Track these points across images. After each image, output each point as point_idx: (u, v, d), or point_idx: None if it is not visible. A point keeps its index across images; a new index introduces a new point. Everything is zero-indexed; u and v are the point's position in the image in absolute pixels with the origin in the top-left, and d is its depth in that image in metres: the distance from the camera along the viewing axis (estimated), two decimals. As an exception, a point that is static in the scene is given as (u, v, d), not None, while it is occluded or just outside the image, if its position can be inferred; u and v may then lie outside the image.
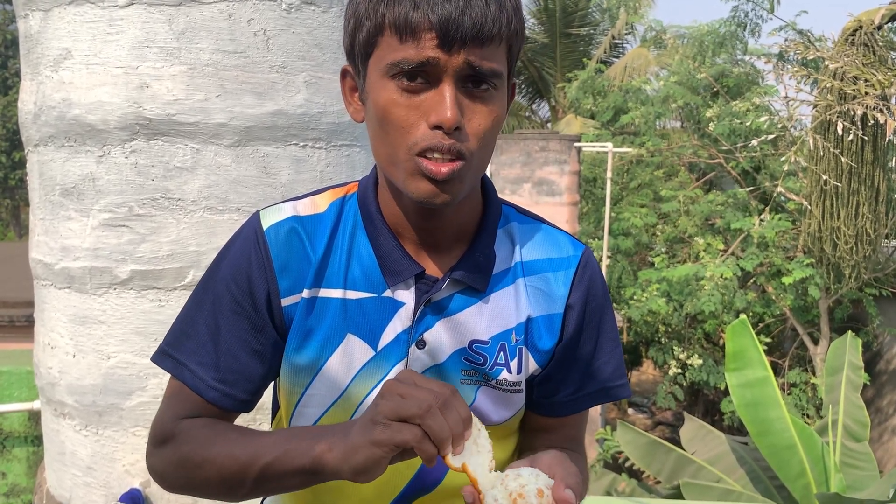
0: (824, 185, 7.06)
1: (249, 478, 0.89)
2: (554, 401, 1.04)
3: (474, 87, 0.87)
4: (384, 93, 0.87)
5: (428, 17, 0.83)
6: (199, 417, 0.99)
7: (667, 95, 11.28)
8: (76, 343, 1.97)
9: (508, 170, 9.67)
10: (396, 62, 0.85)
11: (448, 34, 0.83)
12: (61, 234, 1.96)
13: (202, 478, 0.94)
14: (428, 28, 0.83)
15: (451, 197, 0.89)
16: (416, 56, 0.84)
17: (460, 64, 0.85)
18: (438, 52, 0.84)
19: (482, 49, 0.85)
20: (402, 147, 0.88)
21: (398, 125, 0.87)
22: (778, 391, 5.57)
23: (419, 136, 0.86)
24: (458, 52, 0.84)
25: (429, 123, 0.86)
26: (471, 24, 0.83)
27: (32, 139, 2.03)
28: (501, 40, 0.87)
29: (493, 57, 0.86)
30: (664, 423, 12.93)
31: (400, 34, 0.85)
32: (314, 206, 1.01)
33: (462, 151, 0.87)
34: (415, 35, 0.84)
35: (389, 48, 0.86)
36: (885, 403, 10.03)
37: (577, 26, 17.66)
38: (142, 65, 1.83)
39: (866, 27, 6.74)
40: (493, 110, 0.89)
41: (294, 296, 0.98)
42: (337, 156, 2.01)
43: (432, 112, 0.86)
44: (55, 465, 2.11)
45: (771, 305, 10.30)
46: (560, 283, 1.01)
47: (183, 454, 0.95)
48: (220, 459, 0.91)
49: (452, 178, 0.87)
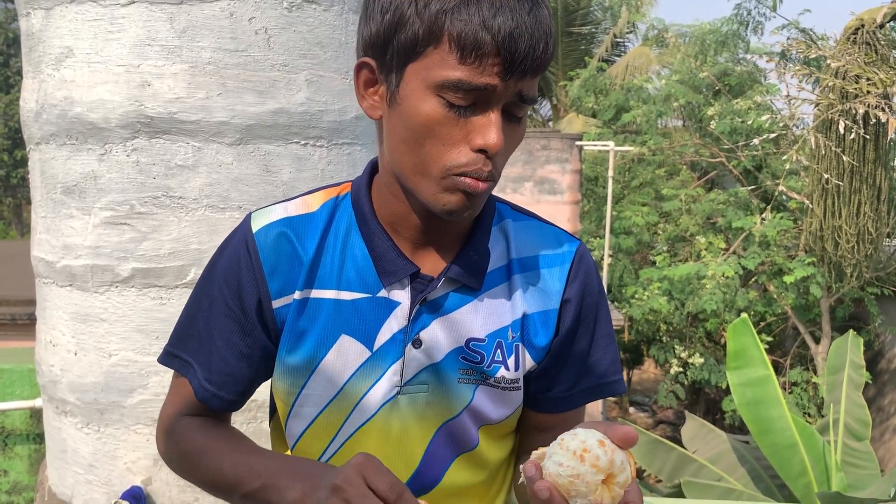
0: (826, 184, 7.05)
1: (236, 495, 0.94)
2: (550, 396, 1.04)
3: (514, 113, 0.88)
4: (426, 106, 0.85)
5: (496, 42, 0.81)
6: (197, 417, 1.03)
7: (668, 94, 11.27)
8: (78, 341, 1.97)
9: (510, 168, 9.66)
10: (453, 82, 0.83)
11: (513, 65, 0.83)
12: (63, 232, 1.96)
13: (197, 479, 1.00)
14: (494, 53, 0.82)
15: (475, 211, 0.92)
16: (475, 80, 0.83)
17: (512, 94, 0.85)
18: (498, 81, 0.83)
19: (532, 80, 0.86)
20: (439, 164, 0.87)
21: (439, 142, 0.86)
22: (779, 390, 5.57)
23: (461, 159, 0.86)
24: (516, 83, 0.85)
25: (472, 146, 0.86)
26: (535, 57, 0.84)
27: (34, 137, 2.03)
28: (544, 70, 0.88)
29: (534, 86, 0.88)
30: (665, 422, 12.93)
31: (462, 52, 0.82)
32: (305, 205, 1.01)
33: (494, 175, 0.89)
34: (480, 59, 0.82)
35: (444, 63, 0.83)
36: (887, 402, 10.03)
37: (579, 25, 17.64)
38: (143, 63, 1.83)
39: (868, 26, 6.73)
40: (522, 133, 0.92)
41: (285, 297, 0.98)
42: (338, 154, 2.01)
43: (478, 136, 0.85)
44: (57, 463, 2.11)
45: (772, 304, 10.30)
46: (555, 279, 1.01)
47: (181, 452, 1.00)
48: (211, 472, 0.96)
49: (485, 194, 0.90)
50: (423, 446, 1.00)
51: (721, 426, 9.97)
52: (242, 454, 0.95)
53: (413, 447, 0.99)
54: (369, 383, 0.97)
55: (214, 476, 0.95)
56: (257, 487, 0.89)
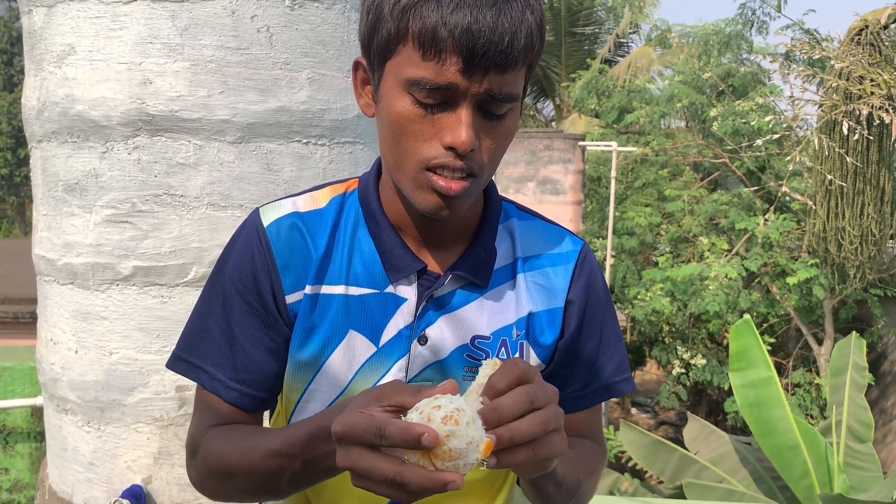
0: (829, 185, 7.04)
1: (283, 487, 0.89)
2: (562, 398, 1.03)
3: (491, 110, 0.85)
4: (398, 103, 0.85)
5: (455, 38, 0.79)
6: (224, 425, 0.98)
7: (671, 95, 11.26)
8: (78, 339, 1.97)
9: (513, 168, 9.66)
10: (416, 80, 0.83)
11: (473, 61, 0.80)
12: (64, 229, 1.96)
13: (240, 492, 0.94)
14: (453, 51, 0.80)
15: (456, 212, 0.89)
16: (436, 78, 0.82)
17: (479, 91, 0.83)
18: (460, 78, 0.81)
19: (504, 76, 0.83)
20: (413, 160, 0.86)
21: (412, 138, 0.86)
22: (782, 391, 5.56)
23: (432, 153, 0.85)
24: (481, 80, 0.82)
25: (443, 143, 0.84)
26: (497, 53, 0.80)
27: (36, 135, 2.03)
28: (522, 63, 0.84)
29: (512, 82, 0.84)
30: (667, 423, 12.92)
31: (423, 50, 0.81)
32: (314, 201, 1.01)
33: (474, 170, 0.86)
34: (439, 56, 0.81)
35: (410, 61, 0.83)
36: (890, 404, 10.00)
37: (582, 25, 17.65)
38: (145, 61, 1.83)
39: (872, 27, 6.71)
40: (507, 130, 0.88)
41: (297, 293, 0.97)
42: (340, 153, 2.01)
43: (447, 133, 0.84)
44: (57, 461, 2.11)
45: (775, 306, 10.28)
46: (560, 278, 1.02)
47: (209, 469, 0.95)
48: (249, 476, 0.90)
49: (462, 195, 0.87)
50: None
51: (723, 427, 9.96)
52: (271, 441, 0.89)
53: None
54: (374, 379, 0.97)
55: (256, 479, 0.89)
56: (299, 468, 0.85)
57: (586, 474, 0.97)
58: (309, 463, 0.84)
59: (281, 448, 0.86)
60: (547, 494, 0.92)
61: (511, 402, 0.72)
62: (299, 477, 0.86)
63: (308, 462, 0.84)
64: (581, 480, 0.95)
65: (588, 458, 1.00)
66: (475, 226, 1.01)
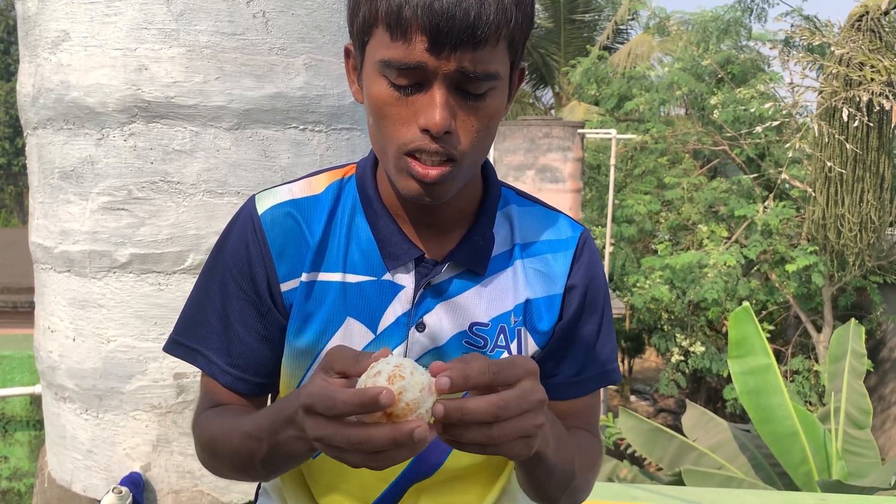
0: (829, 172, 7.03)
1: (258, 469, 0.90)
2: (556, 382, 1.03)
3: (468, 89, 0.83)
4: (375, 87, 0.84)
5: (418, 17, 0.78)
6: (218, 407, 0.99)
7: (671, 82, 11.23)
8: (76, 327, 1.96)
9: (512, 156, 9.65)
10: (385, 61, 0.81)
11: (438, 38, 0.78)
12: (60, 217, 1.95)
13: (226, 470, 0.96)
14: (418, 29, 0.78)
15: (438, 198, 0.88)
16: (404, 58, 0.80)
17: (451, 70, 0.80)
18: (428, 57, 0.79)
19: (476, 53, 0.79)
20: (393, 144, 0.85)
21: (391, 122, 0.84)
22: (780, 379, 5.58)
23: (409, 136, 0.84)
24: (450, 58, 0.79)
25: (418, 125, 0.83)
26: (463, 27, 0.77)
27: (31, 122, 2.02)
28: (499, 40, 0.81)
29: (489, 59, 0.81)
30: (666, 411, 12.96)
31: (391, 31, 0.80)
32: (311, 187, 1.00)
33: (452, 154, 0.84)
34: (405, 35, 0.79)
35: (381, 43, 0.82)
36: (888, 391, 10.03)
37: (582, 12, 17.58)
38: (140, 47, 1.81)
39: (873, 13, 6.68)
40: (489, 110, 0.85)
41: (293, 280, 0.97)
42: (337, 139, 2.00)
43: (421, 115, 0.82)
44: (56, 449, 2.11)
45: (774, 293, 10.30)
46: (559, 264, 1.01)
47: (202, 447, 0.98)
48: (229, 455, 0.93)
49: (441, 180, 0.85)
50: None
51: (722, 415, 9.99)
52: (246, 424, 0.91)
53: None
54: None
55: (232, 457, 0.92)
56: (266, 451, 0.85)
57: (583, 467, 0.96)
58: (273, 447, 0.84)
59: (251, 431, 0.87)
60: (536, 481, 0.91)
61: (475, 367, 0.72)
62: (268, 460, 0.87)
63: (272, 446, 0.84)
64: (576, 472, 0.94)
65: (585, 450, 1.00)
66: (474, 212, 1.00)
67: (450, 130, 0.83)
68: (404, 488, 1.02)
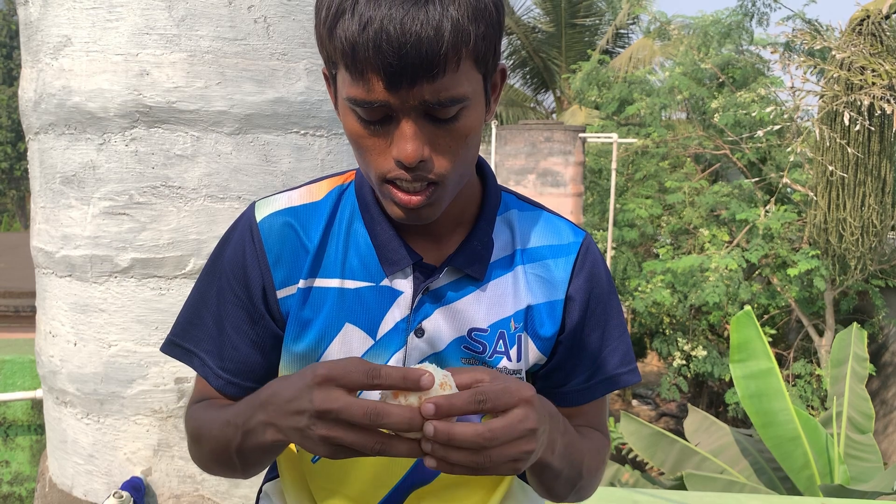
0: (830, 176, 7.03)
1: (235, 461, 0.91)
2: (566, 391, 1.03)
3: (437, 116, 0.82)
4: (347, 120, 0.85)
5: (370, 58, 0.76)
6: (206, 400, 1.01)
7: (672, 86, 11.23)
8: (77, 331, 1.97)
9: (513, 160, 9.65)
10: (351, 98, 0.81)
11: (394, 78, 0.77)
12: (62, 222, 1.96)
13: (208, 461, 0.97)
14: (372, 70, 0.77)
15: (426, 219, 0.88)
16: (367, 97, 0.80)
17: (415, 104, 0.80)
18: (388, 95, 0.78)
19: (437, 83, 0.78)
20: (374, 172, 0.86)
21: (367, 151, 0.85)
22: (782, 382, 5.57)
23: (386, 166, 0.84)
24: (410, 93, 0.78)
25: (392, 157, 0.83)
26: (416, 62, 0.76)
27: (33, 127, 2.02)
28: (459, 62, 0.79)
29: (452, 84, 0.79)
30: (668, 415, 12.94)
31: (349, 72, 0.79)
32: (310, 194, 1.01)
33: (430, 179, 0.84)
34: (362, 75, 0.78)
35: (344, 81, 0.81)
36: (891, 395, 10.01)
37: (583, 16, 17.60)
38: (142, 52, 1.82)
39: (874, 17, 6.69)
40: (464, 130, 0.84)
41: (290, 287, 0.97)
42: (338, 144, 2.00)
43: (394, 147, 0.82)
44: (57, 454, 2.11)
45: (776, 297, 10.28)
46: (560, 269, 1.00)
47: (189, 437, 1.00)
48: (209, 443, 0.93)
49: (425, 204, 0.86)
50: None
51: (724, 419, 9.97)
52: (227, 413, 0.91)
53: None
54: None
55: (213, 447, 0.92)
56: (240, 441, 0.86)
57: (590, 467, 0.96)
58: (245, 435, 0.85)
59: (229, 418, 0.89)
60: (544, 483, 0.92)
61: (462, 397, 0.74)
62: (242, 449, 0.87)
63: (245, 434, 0.85)
64: (583, 472, 0.94)
65: (594, 450, 1.00)
66: (472, 217, 1.00)
67: (423, 159, 0.82)
68: (405, 494, 1.02)
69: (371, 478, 1.00)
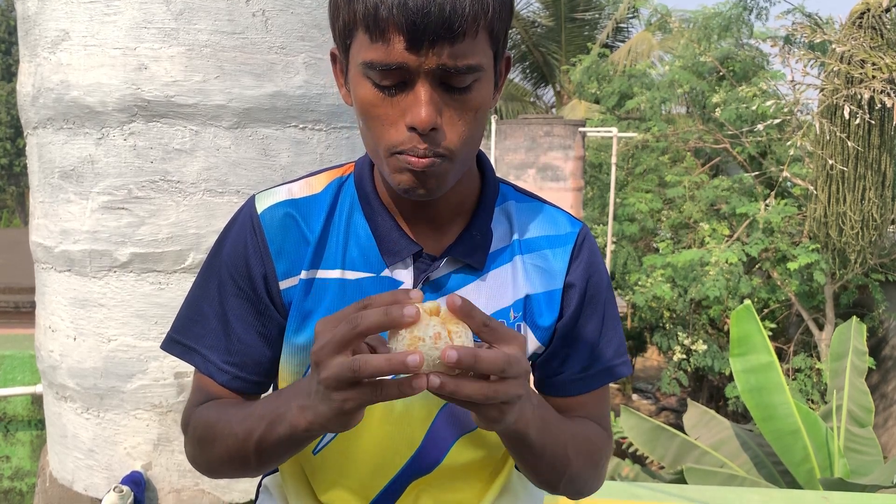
0: (830, 170, 7.03)
1: (251, 455, 0.89)
2: (562, 380, 1.03)
3: (452, 83, 0.83)
4: (361, 89, 0.85)
5: (394, 17, 0.78)
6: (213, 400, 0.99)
7: (672, 80, 11.21)
8: (77, 326, 1.97)
9: (513, 155, 9.64)
10: (368, 62, 0.82)
11: (416, 36, 0.78)
12: (61, 216, 1.95)
13: (217, 460, 0.95)
14: (396, 29, 0.79)
15: (432, 191, 0.88)
16: (385, 59, 0.80)
17: (433, 66, 0.81)
18: (408, 56, 0.79)
19: (455, 46, 0.80)
20: (382, 144, 0.86)
21: (378, 122, 0.85)
22: (782, 376, 5.57)
23: (398, 137, 0.84)
24: (429, 54, 0.79)
25: (405, 124, 0.83)
26: (439, 22, 0.78)
27: (31, 122, 2.02)
28: (478, 31, 0.81)
29: (469, 52, 0.81)
30: (668, 409, 12.96)
31: (370, 33, 0.80)
32: (310, 187, 1.01)
33: (441, 151, 0.85)
34: (383, 35, 0.79)
35: (362, 46, 0.82)
36: (890, 389, 10.02)
37: (582, 10, 17.57)
38: (140, 46, 1.81)
39: (874, 10, 6.68)
40: (475, 103, 0.85)
41: (292, 278, 0.97)
42: (337, 138, 2.00)
43: (408, 113, 0.83)
44: (57, 448, 2.12)
45: (776, 291, 10.29)
46: (558, 259, 1.01)
47: (197, 438, 0.97)
48: (224, 440, 0.92)
49: (433, 171, 0.86)
50: (426, 427, 0.99)
51: (724, 413, 9.99)
52: (247, 408, 0.91)
53: (415, 428, 0.99)
54: None
55: (228, 442, 0.91)
56: (264, 429, 0.85)
57: (580, 454, 0.96)
58: (271, 424, 0.84)
59: (252, 410, 0.88)
60: (526, 462, 0.91)
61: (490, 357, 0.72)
62: (263, 441, 0.86)
63: (270, 423, 0.84)
64: (570, 457, 0.94)
65: (586, 437, 0.99)
66: (471, 207, 1.00)
67: (436, 126, 0.83)
68: (404, 485, 1.02)
69: (371, 469, 1.01)
